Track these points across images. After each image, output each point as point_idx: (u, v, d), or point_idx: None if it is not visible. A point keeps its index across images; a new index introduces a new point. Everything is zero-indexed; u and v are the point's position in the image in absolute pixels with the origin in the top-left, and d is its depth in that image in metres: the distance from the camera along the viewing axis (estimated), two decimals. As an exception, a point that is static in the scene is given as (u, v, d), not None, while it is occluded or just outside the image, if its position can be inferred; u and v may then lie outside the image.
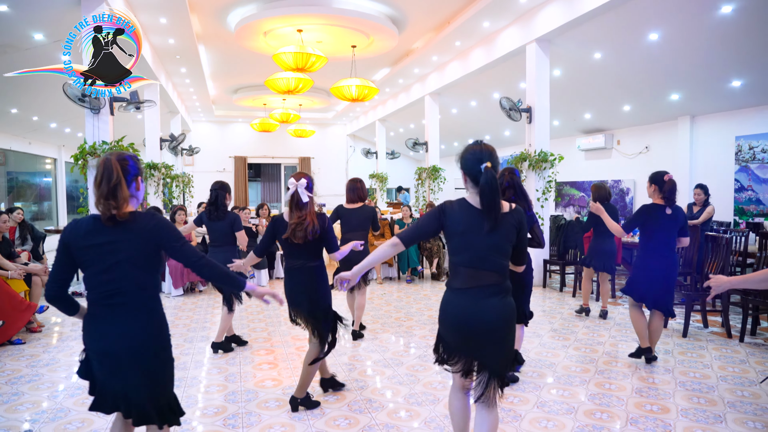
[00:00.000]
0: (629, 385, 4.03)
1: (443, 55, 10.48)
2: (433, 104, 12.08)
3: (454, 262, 2.46)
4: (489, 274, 2.41)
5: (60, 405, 3.68)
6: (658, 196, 4.38)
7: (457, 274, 2.45)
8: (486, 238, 2.38)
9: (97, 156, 6.25)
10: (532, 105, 8.07)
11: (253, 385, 4.07)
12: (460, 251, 2.42)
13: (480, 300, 2.39)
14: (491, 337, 2.43)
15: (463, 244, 2.40)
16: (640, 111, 9.58)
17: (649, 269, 4.40)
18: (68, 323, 5.99)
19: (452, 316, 2.44)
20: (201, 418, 3.48)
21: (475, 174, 2.39)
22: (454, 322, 2.45)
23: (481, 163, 2.37)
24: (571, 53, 8.29)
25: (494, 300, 2.43)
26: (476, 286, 2.40)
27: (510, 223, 2.46)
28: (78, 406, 3.66)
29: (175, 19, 8.22)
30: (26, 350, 4.99)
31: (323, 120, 19.10)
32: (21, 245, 7.56)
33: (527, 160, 8.00)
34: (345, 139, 19.90)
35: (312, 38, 9.36)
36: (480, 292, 2.40)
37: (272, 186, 20.41)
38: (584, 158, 11.53)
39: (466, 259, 2.40)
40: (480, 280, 2.40)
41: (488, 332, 2.42)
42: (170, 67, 11.09)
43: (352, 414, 3.54)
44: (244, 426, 3.34)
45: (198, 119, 18.23)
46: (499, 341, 2.45)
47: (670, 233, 4.36)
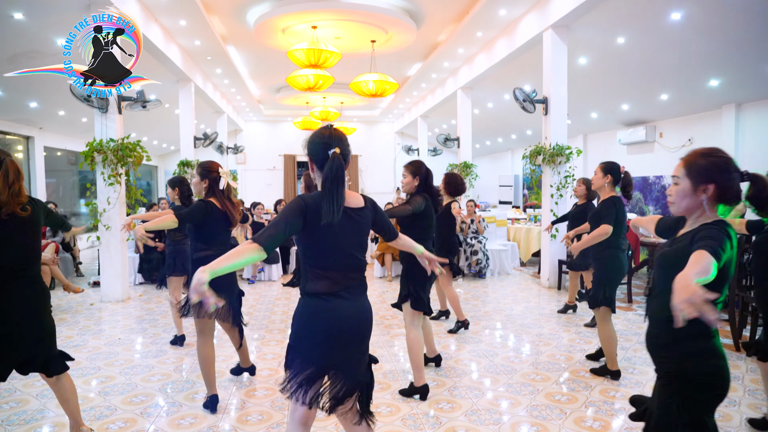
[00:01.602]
0: (584, 398, 3.67)
1: (469, 47, 10.14)
2: (465, 98, 11.73)
3: (314, 264, 2.19)
4: (355, 273, 2.25)
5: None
6: (611, 188, 4.00)
7: (321, 277, 2.17)
8: (346, 232, 2.20)
9: (103, 152, 6.56)
10: (548, 96, 7.60)
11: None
12: (323, 249, 2.17)
13: (354, 301, 2.19)
14: (365, 344, 2.28)
15: (327, 240, 2.15)
16: (680, 100, 8.74)
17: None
18: (75, 312, 6.35)
19: (326, 325, 2.12)
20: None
21: (321, 161, 2.23)
22: (331, 332, 2.12)
23: (329, 148, 2.20)
24: (593, 39, 7.72)
25: (365, 301, 2.28)
26: (346, 288, 2.17)
27: (367, 216, 2.30)
28: (27, 387, 3.86)
29: (194, 21, 8.51)
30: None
31: (370, 118, 19.12)
32: (52, 237, 8.13)
33: (542, 153, 7.54)
34: (393, 136, 19.81)
35: (330, 34, 9.36)
36: (350, 292, 2.18)
37: (323, 183, 20.72)
38: (626, 152, 10.73)
39: (332, 258, 2.16)
40: (350, 280, 2.19)
41: (366, 338, 2.26)
42: (206, 68, 11.51)
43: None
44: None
45: (249, 119, 18.84)
46: (366, 348, 2.29)
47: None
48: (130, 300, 6.95)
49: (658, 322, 1.94)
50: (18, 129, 10.34)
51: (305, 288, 2.18)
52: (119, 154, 6.62)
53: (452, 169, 12.00)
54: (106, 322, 5.86)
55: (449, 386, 3.89)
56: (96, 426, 3.22)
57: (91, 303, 6.76)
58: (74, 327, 5.60)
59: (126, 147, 6.69)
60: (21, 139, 10.64)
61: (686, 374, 1.83)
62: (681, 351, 1.85)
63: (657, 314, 1.94)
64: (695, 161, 1.91)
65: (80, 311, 6.33)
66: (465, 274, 8.63)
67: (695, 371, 1.82)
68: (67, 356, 2.89)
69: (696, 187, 1.89)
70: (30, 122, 10.44)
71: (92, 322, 5.83)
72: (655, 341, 1.96)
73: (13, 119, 10.02)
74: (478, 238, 8.52)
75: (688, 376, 1.83)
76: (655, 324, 1.97)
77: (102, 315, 6.16)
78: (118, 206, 6.78)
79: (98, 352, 4.74)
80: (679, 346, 1.85)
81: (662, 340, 1.91)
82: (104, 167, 6.63)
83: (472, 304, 6.65)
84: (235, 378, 4.07)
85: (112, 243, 6.82)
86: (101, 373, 4.19)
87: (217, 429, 3.20)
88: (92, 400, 3.64)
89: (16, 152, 10.74)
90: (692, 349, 1.83)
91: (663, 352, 1.92)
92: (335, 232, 2.14)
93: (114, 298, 6.83)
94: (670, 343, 1.87)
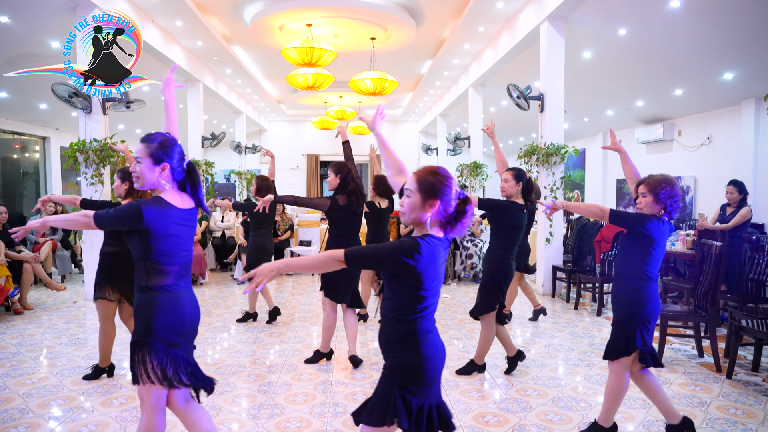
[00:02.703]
0: (498, 395, 3.36)
1: (474, 43, 9.77)
2: (477, 96, 11.35)
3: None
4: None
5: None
6: (520, 196, 3.80)
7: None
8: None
9: (84, 153, 6.64)
10: (544, 92, 7.18)
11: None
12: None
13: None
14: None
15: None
16: (696, 95, 8.10)
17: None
18: (54, 310, 6.45)
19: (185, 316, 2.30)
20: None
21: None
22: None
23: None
24: (594, 31, 7.26)
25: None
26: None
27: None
28: (17, 386, 3.88)
29: (190, 21, 8.54)
30: (-11, 330, 5.44)
31: (393, 117, 18.89)
32: (51, 234, 8.33)
33: (535, 153, 7.14)
34: (417, 135, 19.53)
35: (328, 32, 9.21)
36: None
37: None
38: (645, 152, 10.08)
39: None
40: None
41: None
42: (215, 69, 11.60)
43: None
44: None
45: (272, 119, 18.97)
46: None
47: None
48: (113, 298, 7.01)
49: (387, 321, 2.01)
50: (34, 130, 10.73)
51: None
52: (101, 154, 6.69)
53: (462, 168, 11.65)
54: (75, 320, 5.90)
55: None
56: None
57: (74, 300, 6.86)
58: (42, 325, 5.67)
59: (109, 147, 6.75)
60: (37, 139, 11.03)
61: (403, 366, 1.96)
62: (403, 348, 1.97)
63: (387, 314, 2.01)
64: (425, 178, 1.95)
65: (60, 308, 6.43)
66: (460, 278, 8.30)
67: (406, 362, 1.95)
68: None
69: (424, 202, 1.94)
70: (45, 123, 10.81)
71: (63, 320, 5.89)
72: (385, 338, 2.02)
73: (28, 120, 10.39)
74: (474, 242, 8.17)
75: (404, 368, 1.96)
76: (385, 323, 2.03)
77: (78, 313, 6.23)
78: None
79: (51, 351, 4.75)
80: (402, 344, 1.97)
81: (390, 337, 2.00)
82: (86, 167, 6.71)
83: (452, 311, 6.34)
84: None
85: (95, 241, 6.88)
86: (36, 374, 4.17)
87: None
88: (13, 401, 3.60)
89: (33, 152, 11.15)
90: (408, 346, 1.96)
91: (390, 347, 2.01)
92: None
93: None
94: (395, 341, 1.98)
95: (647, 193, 2.91)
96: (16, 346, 4.89)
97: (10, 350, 4.77)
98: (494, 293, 3.89)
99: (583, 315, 6.16)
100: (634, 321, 2.86)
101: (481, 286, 4.01)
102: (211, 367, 4.34)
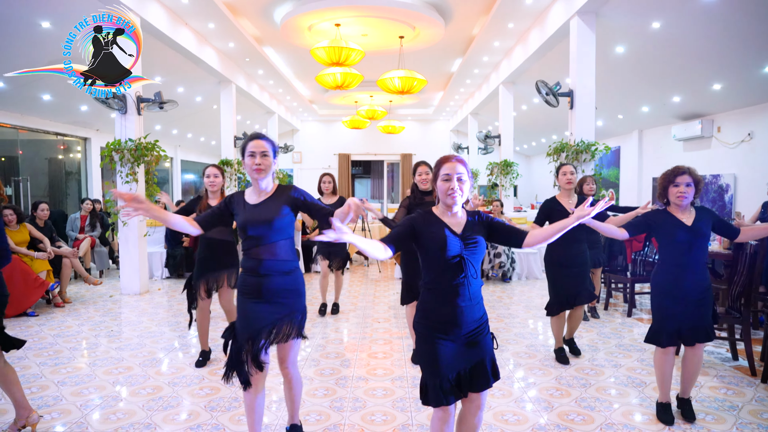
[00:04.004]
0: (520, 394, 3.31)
1: (504, 40, 9.66)
2: (507, 94, 11.22)
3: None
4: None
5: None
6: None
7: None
8: None
9: (120, 152, 6.87)
10: (574, 88, 7.05)
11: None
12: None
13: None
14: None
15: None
16: (736, 90, 7.79)
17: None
18: (91, 303, 6.70)
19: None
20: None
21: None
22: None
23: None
24: (626, 26, 7.08)
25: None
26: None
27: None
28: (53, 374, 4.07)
29: (222, 24, 8.73)
30: (34, 321, 5.69)
31: (424, 116, 18.84)
32: (90, 231, 8.65)
33: (565, 150, 7.01)
34: (448, 134, 19.42)
35: (356, 32, 9.26)
36: None
37: (378, 183, 20.73)
38: (682, 149, 9.75)
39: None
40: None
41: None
42: (247, 70, 11.82)
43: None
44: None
45: (305, 119, 19.18)
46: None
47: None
48: (148, 293, 7.24)
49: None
50: (76, 131, 11.15)
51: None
52: (136, 153, 6.91)
53: (492, 167, 11.53)
54: (110, 314, 6.12)
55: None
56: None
57: (111, 295, 7.11)
58: (79, 318, 5.90)
59: (143, 147, 6.97)
60: (79, 140, 11.47)
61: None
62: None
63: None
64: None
65: (96, 302, 6.67)
66: (489, 277, 8.23)
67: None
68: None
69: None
70: (87, 124, 11.22)
71: (99, 313, 6.11)
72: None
73: (71, 122, 10.81)
74: (502, 240, 8.07)
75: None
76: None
77: (113, 307, 6.45)
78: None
79: (87, 342, 4.94)
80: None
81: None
82: (122, 166, 6.94)
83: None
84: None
85: (131, 238, 7.13)
86: (72, 364, 4.35)
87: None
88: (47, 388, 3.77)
89: (75, 153, 11.60)
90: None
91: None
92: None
93: (133, 291, 7.15)
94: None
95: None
96: (54, 337, 5.11)
97: (48, 341, 4.99)
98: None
99: (614, 316, 6.02)
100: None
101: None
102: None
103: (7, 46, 7.17)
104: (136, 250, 7.13)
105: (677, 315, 3.11)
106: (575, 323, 4.42)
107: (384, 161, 20.02)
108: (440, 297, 2.22)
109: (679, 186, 3.09)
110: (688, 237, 3.08)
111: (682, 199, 3.08)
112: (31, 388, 3.77)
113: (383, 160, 20.00)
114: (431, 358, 2.21)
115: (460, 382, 2.22)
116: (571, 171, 4.24)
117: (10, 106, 9.36)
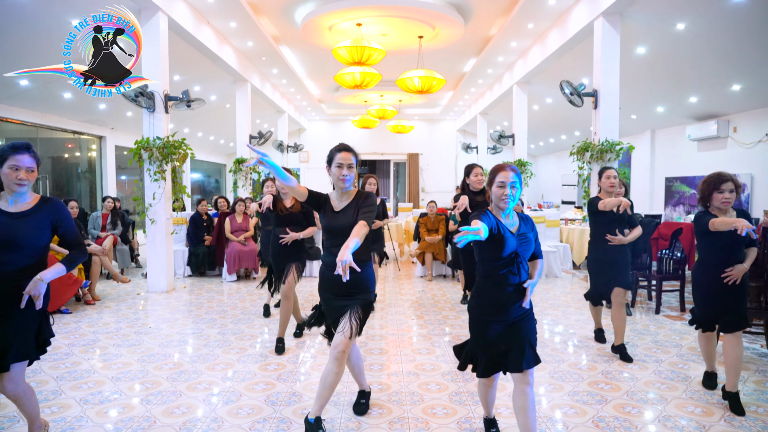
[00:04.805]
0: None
1: (522, 40, 9.75)
2: (521, 94, 11.30)
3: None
4: None
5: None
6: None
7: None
8: None
9: (149, 150, 6.91)
10: (598, 88, 7.13)
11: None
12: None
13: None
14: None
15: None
16: (755, 91, 7.90)
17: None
18: (120, 301, 6.73)
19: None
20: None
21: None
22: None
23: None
24: (650, 27, 7.17)
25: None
26: None
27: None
28: (104, 370, 4.10)
29: (243, 23, 8.77)
30: (69, 318, 5.72)
31: (432, 115, 18.93)
32: (112, 229, 8.67)
33: (589, 149, 7.10)
34: (455, 134, 19.51)
35: (376, 31, 9.33)
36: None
37: (385, 182, 20.78)
38: (696, 149, 9.85)
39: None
40: None
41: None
42: (262, 69, 11.85)
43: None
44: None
45: (312, 118, 19.23)
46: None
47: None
48: (174, 291, 7.27)
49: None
50: (91, 129, 11.16)
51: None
52: (164, 151, 6.94)
53: (506, 167, 11.61)
54: (142, 311, 6.16)
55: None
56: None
57: (138, 293, 7.14)
58: (114, 315, 5.93)
59: (171, 145, 7.00)
60: (94, 138, 11.47)
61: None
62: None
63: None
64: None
65: (125, 300, 6.70)
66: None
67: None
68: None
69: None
70: (102, 123, 11.23)
71: (132, 311, 6.15)
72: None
73: (86, 120, 10.81)
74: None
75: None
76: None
77: (144, 304, 6.49)
78: (163, 201, 7.10)
79: (126, 339, 4.98)
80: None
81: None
82: (150, 164, 6.97)
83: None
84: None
85: (158, 236, 7.16)
86: (120, 360, 4.38)
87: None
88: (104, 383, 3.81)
89: (90, 150, 11.59)
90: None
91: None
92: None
93: (159, 289, 7.18)
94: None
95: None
96: (94, 334, 5.14)
97: (89, 338, 5.02)
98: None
99: (640, 313, 6.10)
100: None
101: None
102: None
103: (38, 43, 7.18)
104: (163, 248, 7.16)
105: (716, 305, 3.45)
106: (618, 324, 4.41)
107: (390, 161, 20.09)
108: (493, 285, 2.58)
109: (723, 192, 3.38)
110: (731, 238, 3.35)
111: (727, 204, 3.39)
112: (87, 383, 3.82)
113: (389, 160, 20.07)
114: (481, 337, 2.62)
115: (504, 358, 2.58)
116: (615, 175, 4.41)
117: (31, 104, 9.36)
